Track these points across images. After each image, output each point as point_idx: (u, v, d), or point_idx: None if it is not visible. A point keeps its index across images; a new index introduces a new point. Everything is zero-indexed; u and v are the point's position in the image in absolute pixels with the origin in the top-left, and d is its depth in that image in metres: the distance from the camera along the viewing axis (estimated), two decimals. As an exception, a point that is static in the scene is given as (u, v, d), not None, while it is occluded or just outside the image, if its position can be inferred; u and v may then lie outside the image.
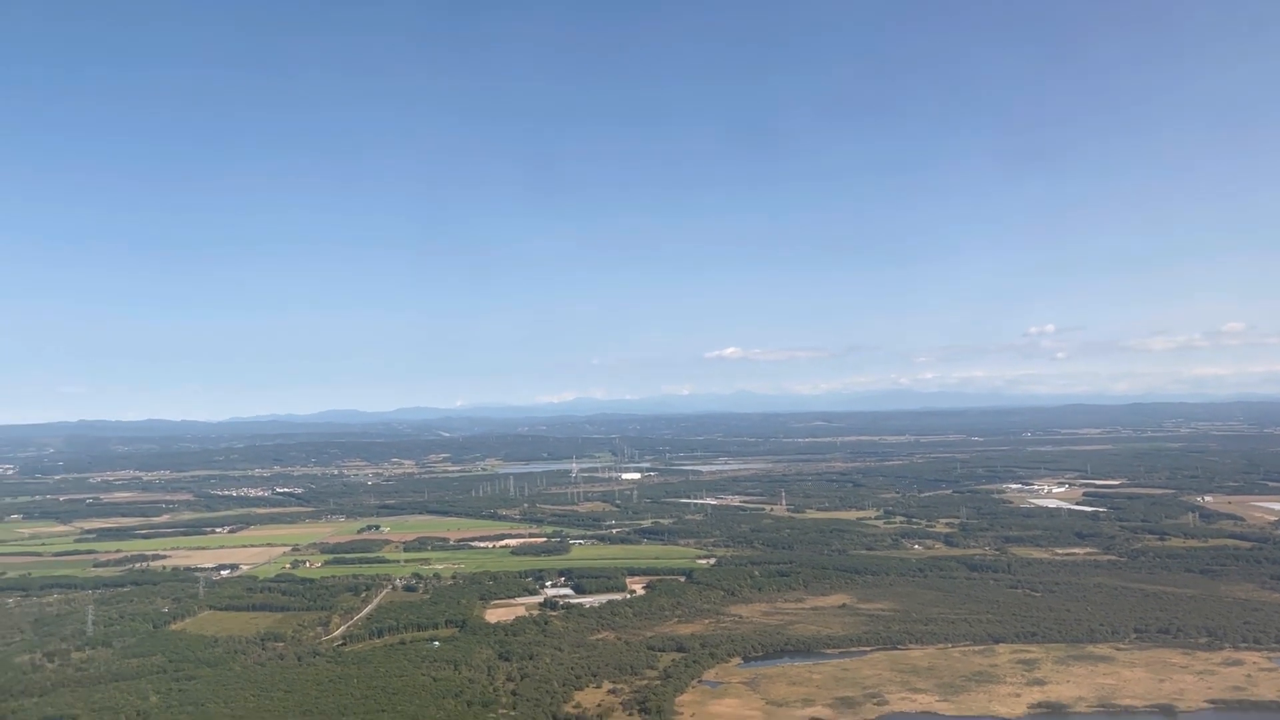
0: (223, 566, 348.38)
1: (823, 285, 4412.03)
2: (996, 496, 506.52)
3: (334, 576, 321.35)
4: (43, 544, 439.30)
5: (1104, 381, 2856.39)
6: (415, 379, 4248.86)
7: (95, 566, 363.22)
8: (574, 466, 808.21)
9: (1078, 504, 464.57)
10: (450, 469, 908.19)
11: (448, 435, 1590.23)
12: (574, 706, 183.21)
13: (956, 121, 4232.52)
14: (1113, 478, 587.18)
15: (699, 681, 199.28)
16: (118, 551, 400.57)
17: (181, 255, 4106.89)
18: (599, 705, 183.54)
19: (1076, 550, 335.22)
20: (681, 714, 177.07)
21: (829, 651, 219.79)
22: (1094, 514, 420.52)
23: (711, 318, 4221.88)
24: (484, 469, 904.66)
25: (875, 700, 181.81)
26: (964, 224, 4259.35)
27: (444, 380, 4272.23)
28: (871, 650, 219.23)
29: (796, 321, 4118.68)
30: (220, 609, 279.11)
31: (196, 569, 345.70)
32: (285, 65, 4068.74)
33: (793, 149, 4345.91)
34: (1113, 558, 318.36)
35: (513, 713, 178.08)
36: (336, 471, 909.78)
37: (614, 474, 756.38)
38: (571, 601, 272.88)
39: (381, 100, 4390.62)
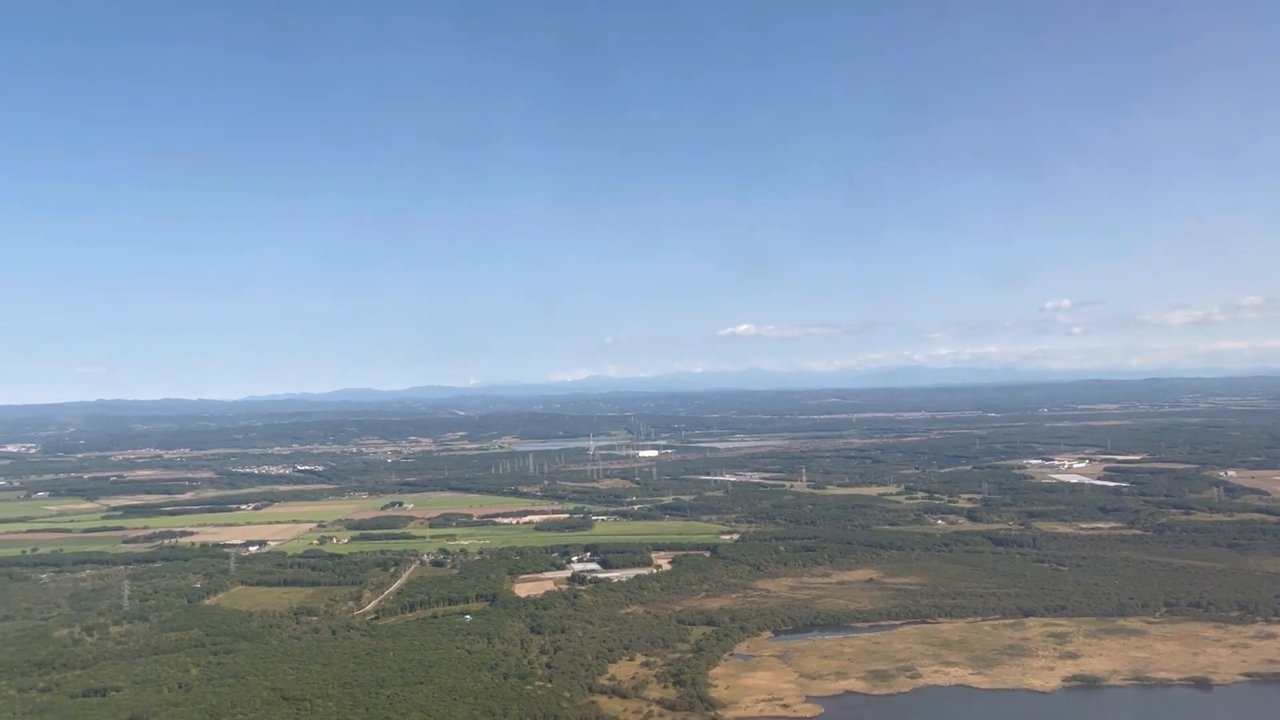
0: (251, 543, 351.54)
1: (836, 261, 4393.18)
2: (1017, 472, 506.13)
3: (362, 552, 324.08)
4: (71, 521, 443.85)
5: (1119, 357, 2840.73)
6: (429, 358, 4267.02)
7: (125, 543, 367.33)
8: (591, 444, 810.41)
9: (1099, 479, 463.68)
10: (468, 447, 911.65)
11: (463, 414, 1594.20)
12: (608, 679, 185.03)
13: (966, 93, 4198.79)
14: (1133, 453, 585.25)
15: (730, 654, 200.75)
16: (145, 528, 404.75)
17: (196, 235, 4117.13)
18: (633, 678, 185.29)
19: (1100, 525, 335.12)
20: (715, 686, 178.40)
21: (859, 625, 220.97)
22: (1116, 489, 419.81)
23: (724, 295, 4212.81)
24: (501, 447, 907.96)
25: (908, 673, 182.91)
26: (976, 197, 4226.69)
27: (458, 359, 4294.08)
28: (901, 624, 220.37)
29: (810, 298, 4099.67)
30: (251, 584, 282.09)
31: (225, 545, 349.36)
32: (291, 42, 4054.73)
33: (806, 122, 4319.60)
34: (1138, 532, 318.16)
35: (548, 685, 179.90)
36: (355, 449, 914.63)
37: (631, 451, 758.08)
38: (599, 576, 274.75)
39: (391, 77, 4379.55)
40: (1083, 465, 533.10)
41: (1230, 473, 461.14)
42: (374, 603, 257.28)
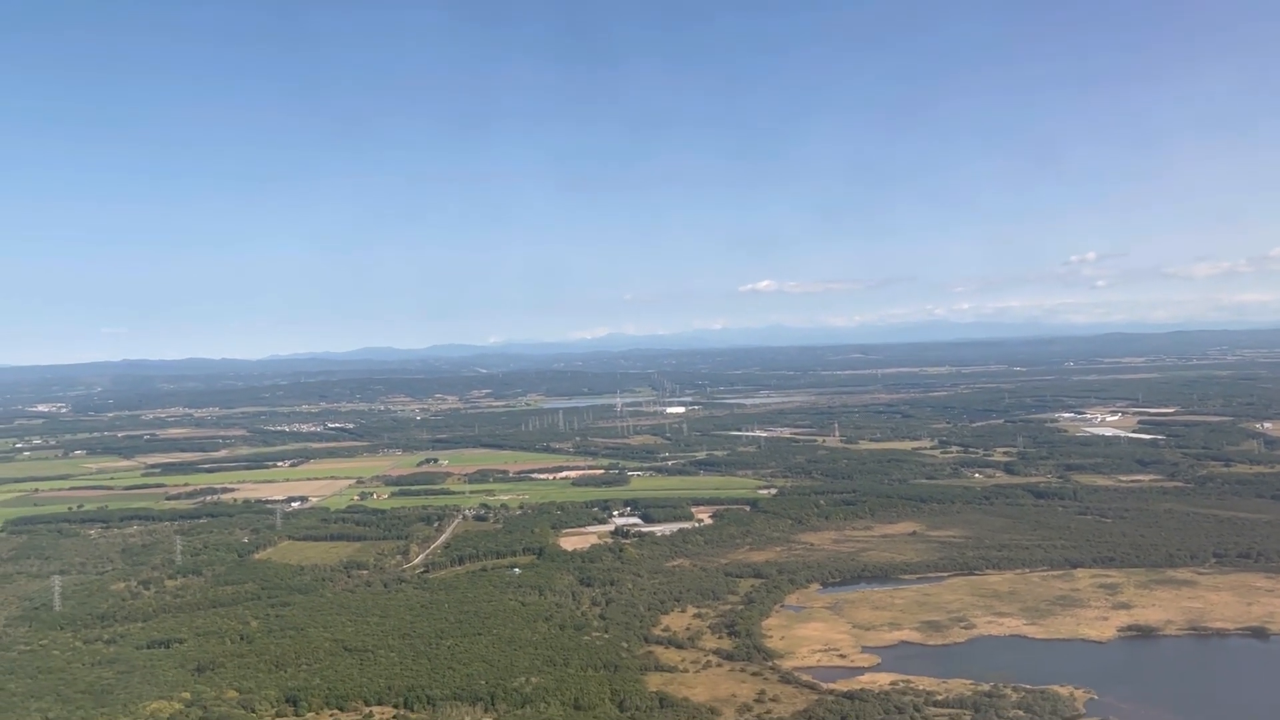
0: (292, 499, 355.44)
1: (859, 216, 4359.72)
2: (1050, 425, 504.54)
3: (404, 507, 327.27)
4: (111, 478, 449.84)
5: (1143, 310, 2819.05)
6: (449, 317, 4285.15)
7: (168, 499, 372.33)
8: (618, 401, 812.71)
9: (1134, 432, 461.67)
10: (494, 404, 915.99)
11: (485, 372, 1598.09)
12: (662, 630, 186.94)
13: (990, 44, 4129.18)
14: (1165, 406, 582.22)
15: (781, 606, 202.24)
16: (186, 485, 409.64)
17: (219, 198, 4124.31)
18: (687, 629, 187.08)
19: (1140, 477, 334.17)
20: (770, 637, 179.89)
21: (906, 577, 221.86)
22: (1153, 441, 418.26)
23: (745, 251, 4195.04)
24: (527, 404, 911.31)
25: (962, 624, 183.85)
26: (1003, 149, 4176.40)
27: (477, 318, 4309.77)
28: (949, 576, 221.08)
29: (832, 253, 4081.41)
30: (298, 539, 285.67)
31: (267, 501, 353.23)
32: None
33: (830, 73, 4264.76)
34: (1179, 485, 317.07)
35: (605, 635, 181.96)
36: (383, 407, 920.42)
37: (658, 408, 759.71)
38: (642, 530, 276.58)
39: (405, 41, 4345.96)
40: (1115, 418, 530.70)
41: (1266, 425, 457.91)
42: (421, 556, 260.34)
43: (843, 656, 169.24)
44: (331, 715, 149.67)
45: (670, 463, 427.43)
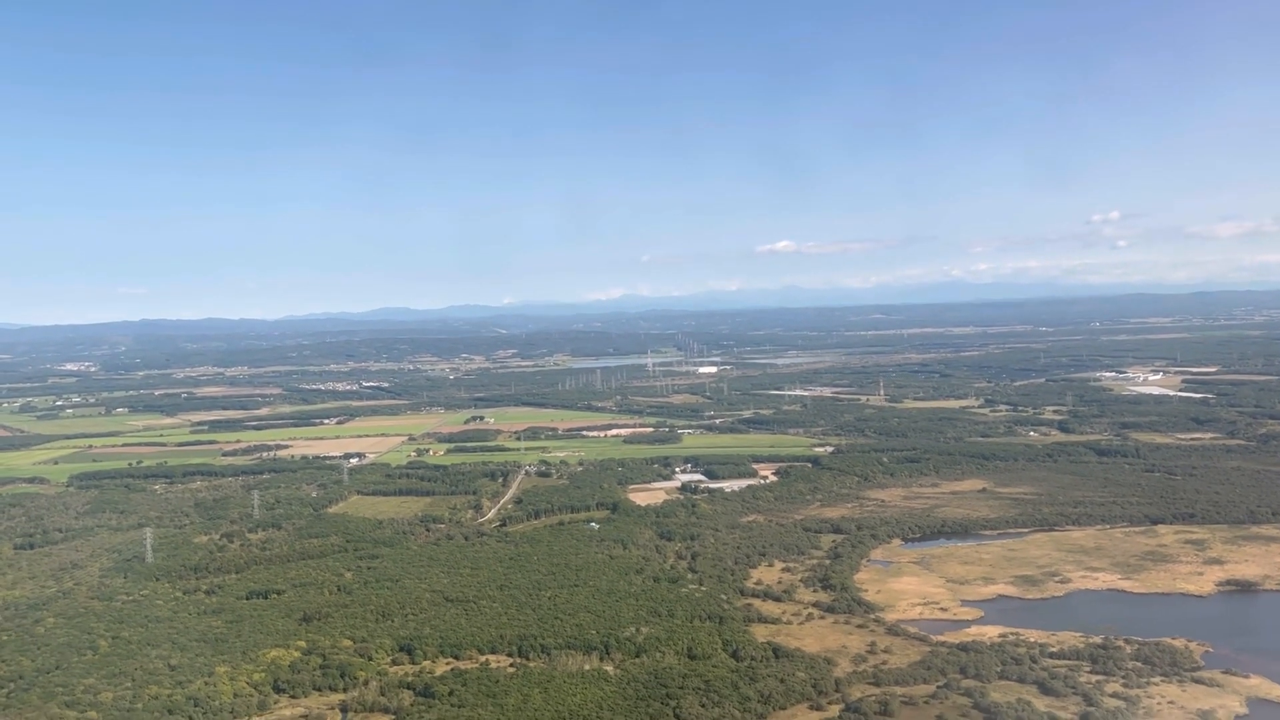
0: (350, 455, 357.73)
1: (879, 172, 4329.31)
2: (1094, 384, 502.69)
3: (464, 464, 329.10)
4: (161, 435, 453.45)
5: (1163, 270, 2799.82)
6: (463, 277, 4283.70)
7: (224, 455, 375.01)
8: (648, 361, 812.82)
9: (1180, 391, 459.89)
10: (523, 364, 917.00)
11: (505, 332, 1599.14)
12: (754, 583, 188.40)
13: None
14: (1204, 365, 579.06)
15: (868, 561, 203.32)
16: (238, 442, 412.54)
17: (235, 158, 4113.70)
18: (779, 582, 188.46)
19: (1199, 435, 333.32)
20: (865, 591, 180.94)
21: (986, 533, 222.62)
22: (1203, 400, 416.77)
23: (763, 212, 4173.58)
24: (555, 364, 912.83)
25: (1056, 579, 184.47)
26: (1023, 100, 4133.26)
27: (492, 278, 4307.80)
28: (1030, 531, 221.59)
29: (850, 213, 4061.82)
30: (366, 494, 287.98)
31: (325, 457, 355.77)
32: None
33: (845, 26, 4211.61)
34: (1240, 443, 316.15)
35: (701, 588, 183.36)
36: (412, 366, 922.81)
37: (689, 368, 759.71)
38: (710, 486, 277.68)
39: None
40: (1157, 378, 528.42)
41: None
42: (493, 511, 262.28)
43: (943, 610, 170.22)
44: (448, 663, 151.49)
45: (718, 421, 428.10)
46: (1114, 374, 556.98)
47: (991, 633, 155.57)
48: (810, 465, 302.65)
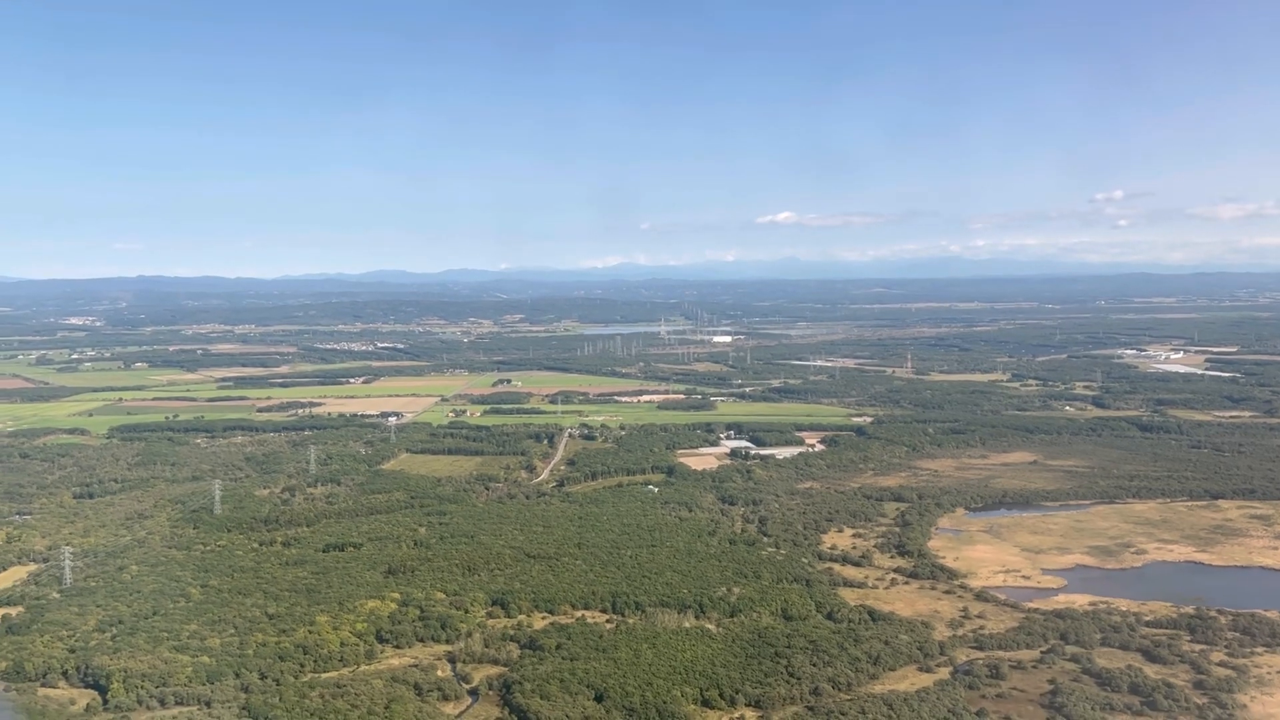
0: (388, 414, 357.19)
1: (883, 146, 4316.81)
2: (1117, 361, 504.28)
3: (505, 425, 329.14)
4: (187, 390, 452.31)
5: (1160, 250, 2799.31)
6: (458, 242, 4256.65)
7: (259, 411, 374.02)
8: (662, 329, 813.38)
9: (1207, 370, 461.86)
10: (532, 329, 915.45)
11: (506, 297, 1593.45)
12: (829, 547, 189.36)
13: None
14: (1223, 345, 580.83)
15: (936, 529, 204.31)
16: (268, 399, 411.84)
17: (232, 118, 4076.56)
18: (853, 547, 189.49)
19: (1237, 413, 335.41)
20: (943, 557, 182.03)
21: (1048, 504, 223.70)
22: (1232, 379, 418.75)
23: (763, 182, 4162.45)
24: (566, 330, 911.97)
25: (1131, 550, 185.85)
26: (1034, 79, 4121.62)
27: (486, 243, 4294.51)
28: (1091, 503, 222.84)
29: (853, 187, 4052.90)
30: (416, 452, 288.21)
31: (362, 416, 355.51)
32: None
33: (853, 17, 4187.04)
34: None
35: (780, 551, 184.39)
36: (421, 329, 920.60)
37: (702, 337, 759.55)
38: (761, 453, 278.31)
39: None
40: (1179, 356, 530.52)
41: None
42: (546, 472, 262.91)
43: (1025, 578, 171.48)
44: (543, 618, 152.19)
45: (748, 389, 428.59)
46: (1135, 351, 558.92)
47: (1080, 601, 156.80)
48: (855, 435, 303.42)
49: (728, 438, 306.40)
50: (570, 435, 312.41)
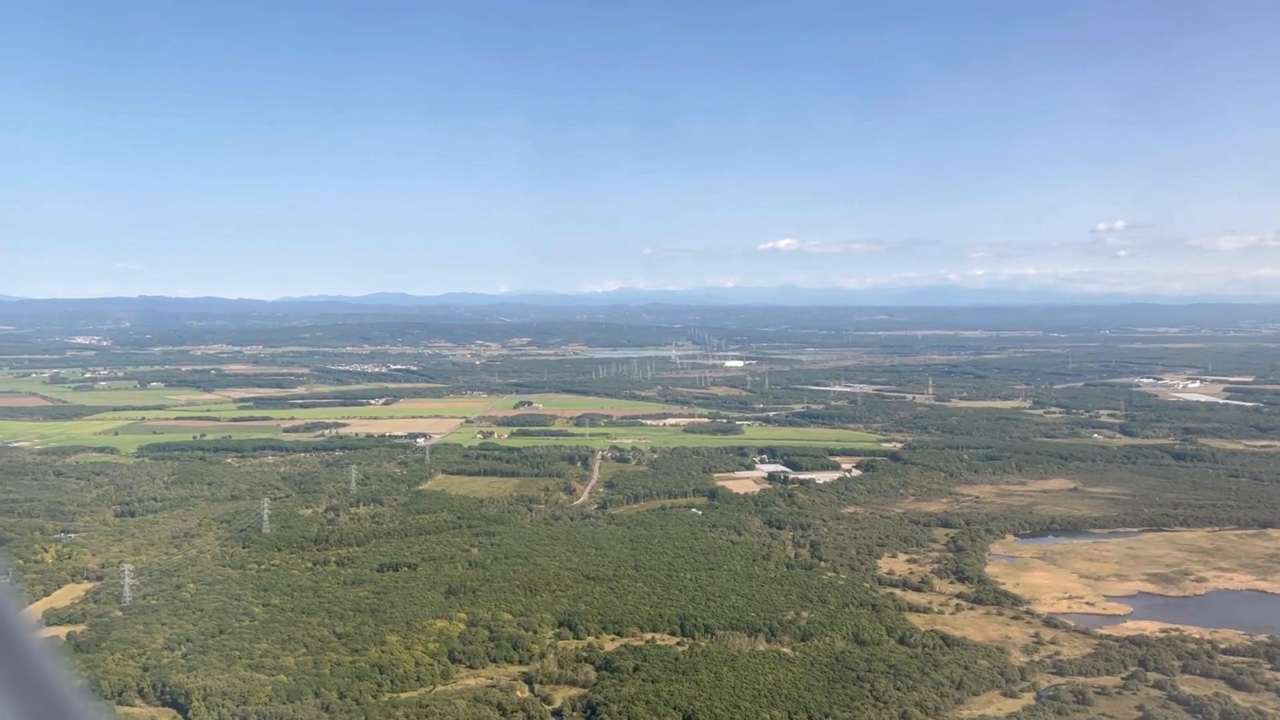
0: (415, 435, 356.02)
1: (885, 176, 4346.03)
2: (1136, 390, 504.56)
3: (536, 447, 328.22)
4: (207, 410, 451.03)
5: (1158, 281, 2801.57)
6: (458, 264, 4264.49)
7: (285, 432, 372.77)
8: (673, 353, 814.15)
9: (1227, 399, 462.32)
10: (541, 353, 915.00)
11: (508, 320, 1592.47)
12: (886, 572, 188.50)
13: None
14: (1238, 375, 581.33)
15: (990, 555, 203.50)
16: (291, 419, 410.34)
17: (230, 137, 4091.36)
18: (910, 573, 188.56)
19: (1270, 442, 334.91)
20: (1004, 583, 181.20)
21: (1097, 531, 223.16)
22: (1256, 408, 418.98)
23: (762, 209, 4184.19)
24: (574, 353, 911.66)
25: (1190, 577, 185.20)
26: (1033, 107, 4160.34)
27: (486, 266, 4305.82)
28: (1139, 531, 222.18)
29: (853, 213, 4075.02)
30: (451, 473, 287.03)
31: (390, 436, 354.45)
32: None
33: (858, 44, 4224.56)
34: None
35: (840, 577, 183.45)
36: (430, 351, 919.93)
37: (714, 361, 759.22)
38: (799, 477, 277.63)
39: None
40: (1196, 385, 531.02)
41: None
42: (585, 494, 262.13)
43: (1089, 605, 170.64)
44: (611, 639, 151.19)
45: (770, 414, 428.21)
46: (1151, 380, 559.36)
47: (1151, 628, 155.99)
48: (890, 460, 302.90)
49: (761, 461, 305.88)
50: (603, 458, 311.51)
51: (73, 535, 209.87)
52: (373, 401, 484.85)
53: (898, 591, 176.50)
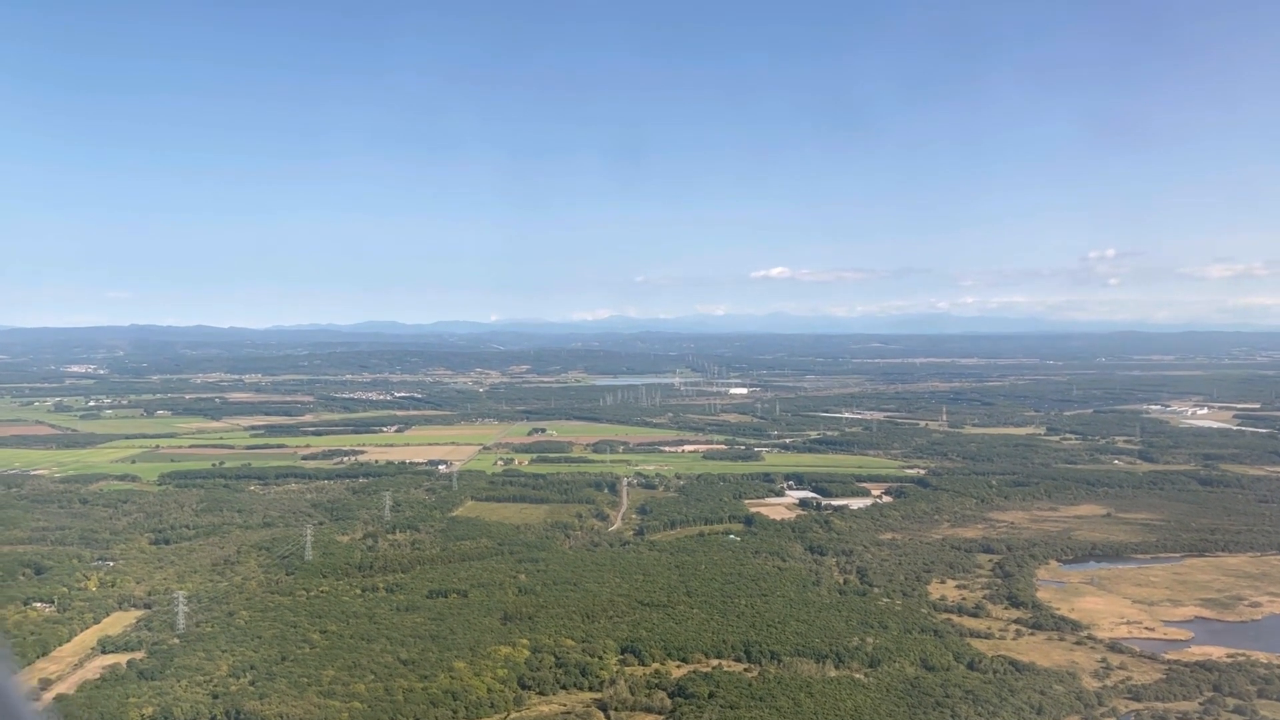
0: (435, 462, 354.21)
1: (877, 205, 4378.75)
2: (1146, 416, 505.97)
3: (559, 473, 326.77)
4: (219, 438, 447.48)
5: (1147, 310, 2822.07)
6: (447, 293, 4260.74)
7: (303, 459, 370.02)
8: (677, 380, 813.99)
9: (1239, 425, 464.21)
10: (542, 380, 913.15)
11: (502, 348, 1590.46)
12: (939, 598, 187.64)
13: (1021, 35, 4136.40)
14: (1243, 402, 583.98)
15: (1038, 580, 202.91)
16: (307, 446, 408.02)
17: (222, 167, 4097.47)
18: (963, 598, 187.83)
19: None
20: (1058, 609, 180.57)
21: (1139, 556, 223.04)
22: (1270, 435, 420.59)
23: (753, 237, 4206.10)
24: (575, 381, 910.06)
25: (1245, 602, 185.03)
26: (1024, 136, 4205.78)
27: (475, 295, 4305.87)
28: (1181, 556, 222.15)
29: (845, 242, 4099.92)
30: (480, 499, 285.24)
31: (411, 463, 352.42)
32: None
33: (849, 74, 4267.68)
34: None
35: (896, 603, 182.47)
36: (431, 379, 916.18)
37: (719, 389, 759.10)
38: (832, 504, 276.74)
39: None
40: (1205, 412, 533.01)
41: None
42: (619, 520, 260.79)
43: (1149, 629, 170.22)
44: (677, 665, 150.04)
45: (787, 440, 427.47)
46: (1160, 407, 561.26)
47: (1216, 653, 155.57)
48: (919, 486, 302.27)
49: (790, 488, 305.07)
50: (629, 484, 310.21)
51: (110, 563, 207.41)
52: (385, 429, 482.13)
53: (954, 617, 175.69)
